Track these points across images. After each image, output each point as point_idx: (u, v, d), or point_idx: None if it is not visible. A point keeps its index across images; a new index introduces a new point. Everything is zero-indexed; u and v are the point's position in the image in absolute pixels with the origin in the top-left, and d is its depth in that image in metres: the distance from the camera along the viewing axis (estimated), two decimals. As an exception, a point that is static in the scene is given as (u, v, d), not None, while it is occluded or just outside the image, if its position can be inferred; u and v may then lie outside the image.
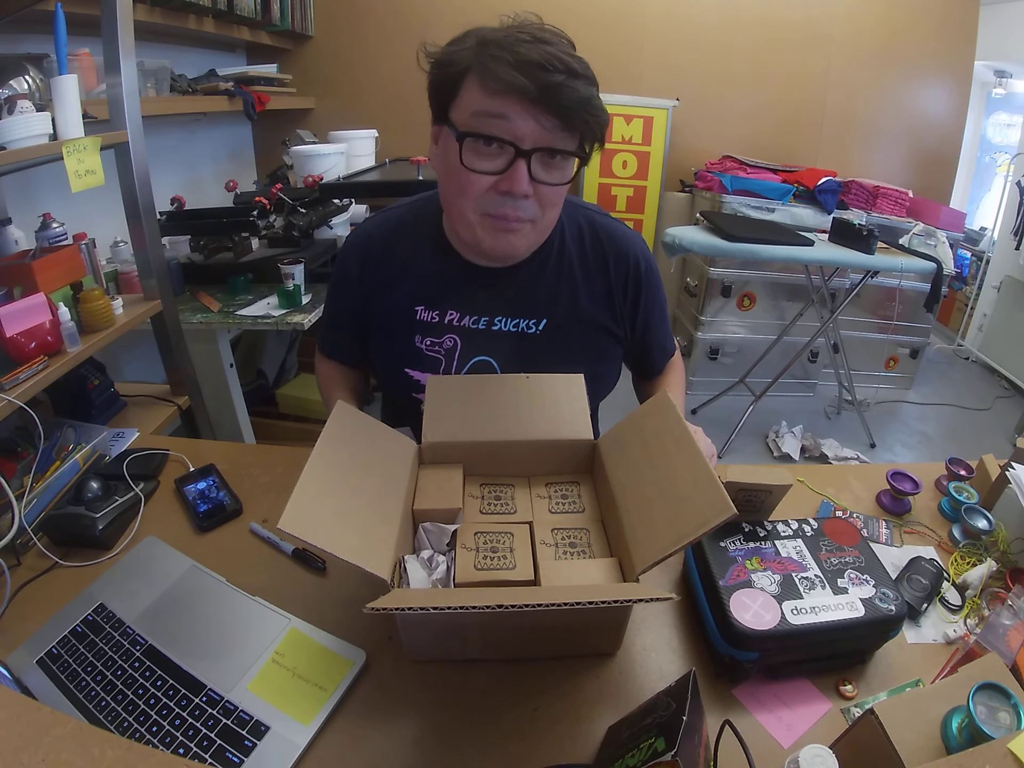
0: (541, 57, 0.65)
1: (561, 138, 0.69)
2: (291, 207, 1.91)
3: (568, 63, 0.66)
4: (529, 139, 0.68)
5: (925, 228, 2.69)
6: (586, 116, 0.68)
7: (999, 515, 0.84)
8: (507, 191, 0.70)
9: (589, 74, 0.69)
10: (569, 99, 0.66)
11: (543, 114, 0.67)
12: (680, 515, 0.59)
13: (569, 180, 0.74)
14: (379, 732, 0.61)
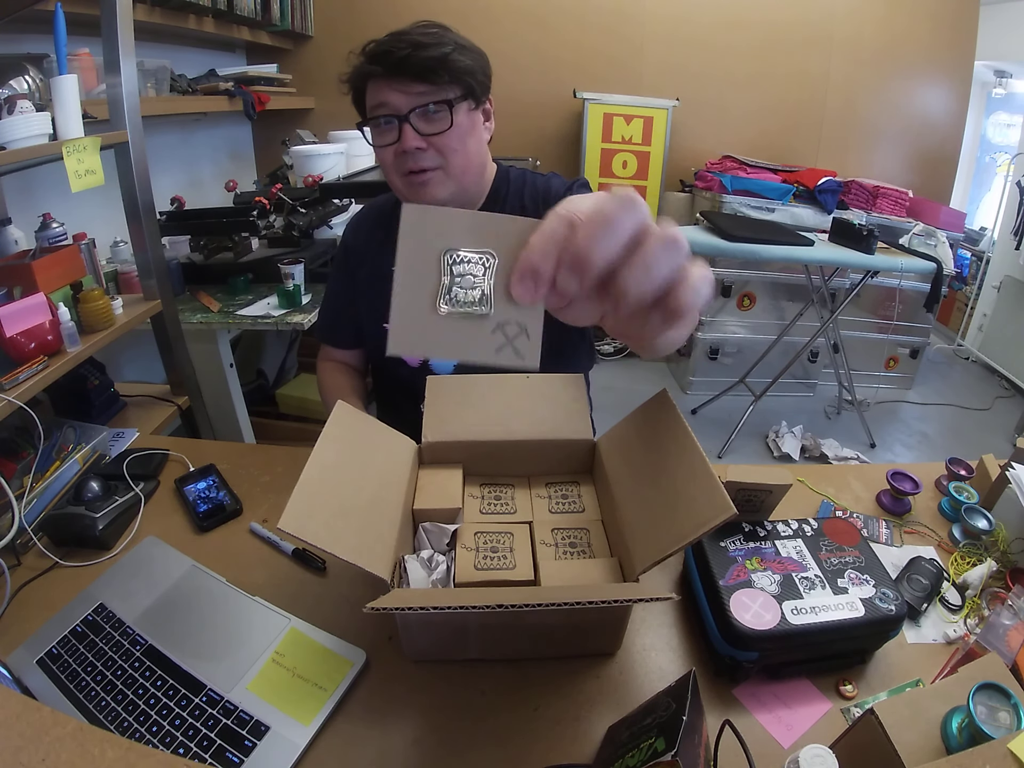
0: (388, 45, 0.82)
1: (428, 93, 0.83)
2: (291, 207, 1.91)
3: (414, 39, 0.81)
4: (404, 106, 0.83)
5: (925, 228, 2.69)
6: (441, 70, 0.82)
7: (999, 515, 0.84)
8: (403, 150, 0.84)
9: (443, 40, 0.83)
10: (418, 64, 0.81)
11: (403, 83, 0.82)
12: (680, 515, 0.59)
13: (456, 125, 0.85)
14: (379, 732, 0.61)
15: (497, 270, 0.35)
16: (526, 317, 0.35)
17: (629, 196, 0.30)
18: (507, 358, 0.35)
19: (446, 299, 0.35)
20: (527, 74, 2.99)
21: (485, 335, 0.35)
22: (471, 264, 0.34)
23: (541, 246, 0.31)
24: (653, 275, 0.30)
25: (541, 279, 0.31)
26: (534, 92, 3.03)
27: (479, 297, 0.35)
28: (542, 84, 3.02)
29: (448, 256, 0.35)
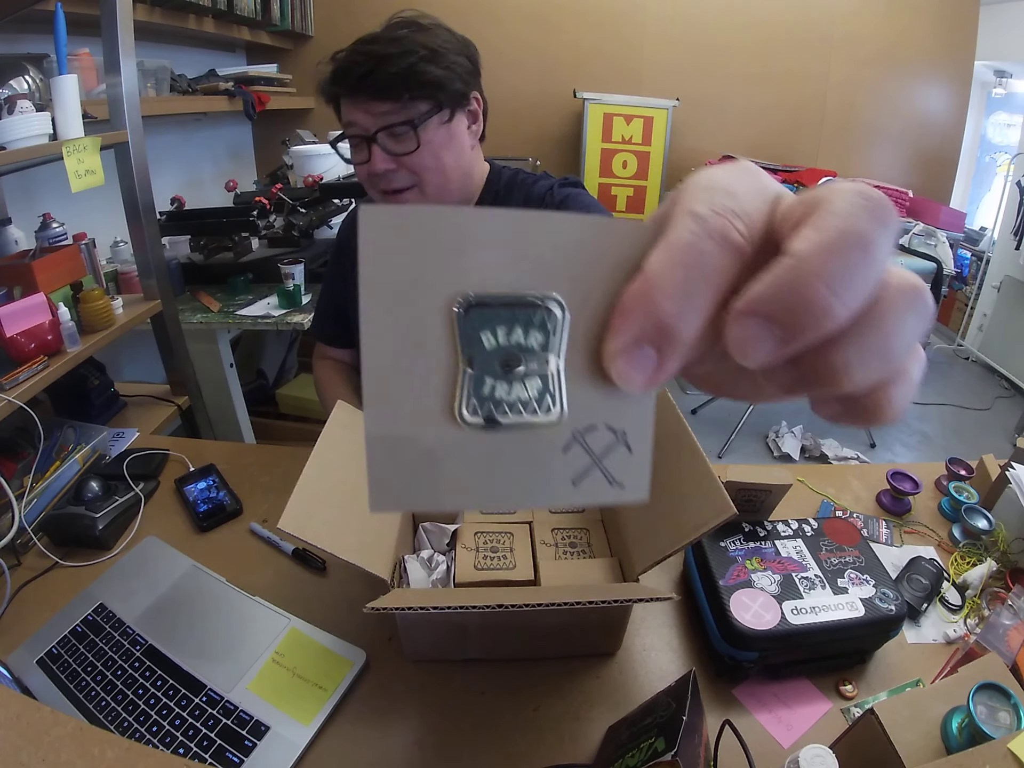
0: (350, 59, 0.77)
1: (392, 113, 0.78)
2: (291, 207, 1.91)
3: (377, 51, 0.76)
4: (370, 126, 0.79)
5: (925, 228, 2.69)
6: (404, 88, 0.77)
7: (999, 515, 0.84)
8: (373, 172, 0.81)
9: (409, 47, 0.77)
10: (379, 82, 0.76)
11: (366, 103, 0.78)
12: (680, 515, 0.59)
13: (425, 143, 0.80)
14: (379, 732, 0.61)
15: (570, 328, 0.18)
16: (627, 413, 0.19)
17: (880, 200, 0.16)
18: (595, 492, 0.20)
19: (472, 400, 0.18)
20: (527, 74, 2.99)
21: (552, 458, 0.19)
22: (515, 323, 0.18)
23: (677, 279, 0.16)
24: (890, 353, 0.16)
25: (674, 344, 0.16)
26: (534, 92, 3.03)
27: (539, 391, 0.18)
28: (542, 84, 3.02)
29: (464, 308, 0.17)
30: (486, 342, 0.18)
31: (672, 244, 0.17)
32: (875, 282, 0.16)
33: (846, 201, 0.16)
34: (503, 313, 0.18)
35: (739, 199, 0.17)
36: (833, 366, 0.16)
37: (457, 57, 0.80)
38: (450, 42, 0.81)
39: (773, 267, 0.16)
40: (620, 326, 0.17)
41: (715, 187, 0.17)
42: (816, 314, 0.15)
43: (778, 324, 0.15)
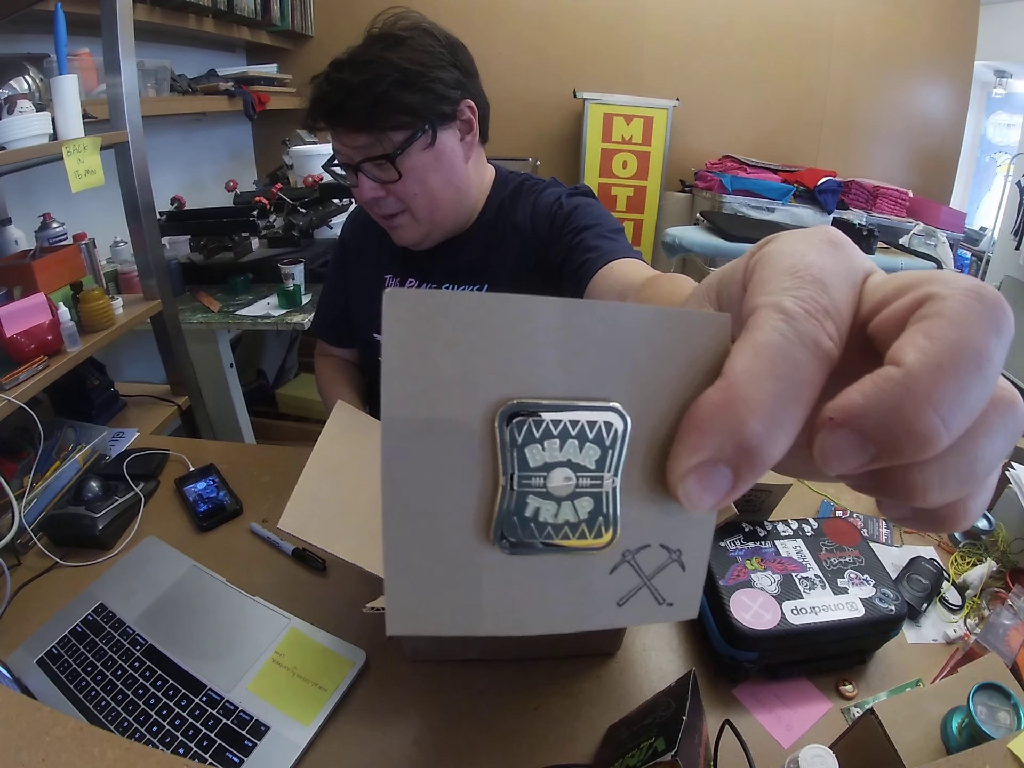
0: (320, 93, 0.75)
1: (369, 145, 0.76)
2: (291, 207, 1.91)
3: (343, 82, 0.72)
4: (353, 156, 0.77)
5: (925, 228, 2.69)
6: (377, 120, 0.73)
7: (999, 515, 0.84)
8: (362, 199, 0.81)
9: (381, 72, 0.72)
10: (352, 115, 0.74)
11: (344, 135, 0.76)
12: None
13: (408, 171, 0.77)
14: (379, 732, 0.61)
15: (631, 442, 0.16)
16: (685, 531, 0.17)
17: (997, 303, 0.14)
18: (641, 612, 0.18)
19: (511, 521, 0.15)
20: (527, 74, 2.99)
21: (597, 580, 0.17)
22: (567, 435, 0.15)
23: (766, 393, 0.14)
24: (975, 475, 0.15)
25: (756, 466, 0.14)
26: (534, 92, 3.02)
27: (590, 512, 0.16)
28: (542, 84, 3.02)
29: (507, 417, 0.15)
30: (531, 458, 0.15)
31: (760, 349, 0.14)
32: (983, 404, 0.14)
33: (961, 304, 0.14)
34: (553, 424, 0.15)
35: (829, 291, 0.15)
36: (912, 485, 0.15)
37: (437, 72, 0.75)
38: (430, 53, 0.75)
39: (877, 378, 0.14)
40: (696, 443, 0.15)
41: (804, 274, 0.15)
42: (918, 442, 0.13)
43: (873, 442, 0.14)
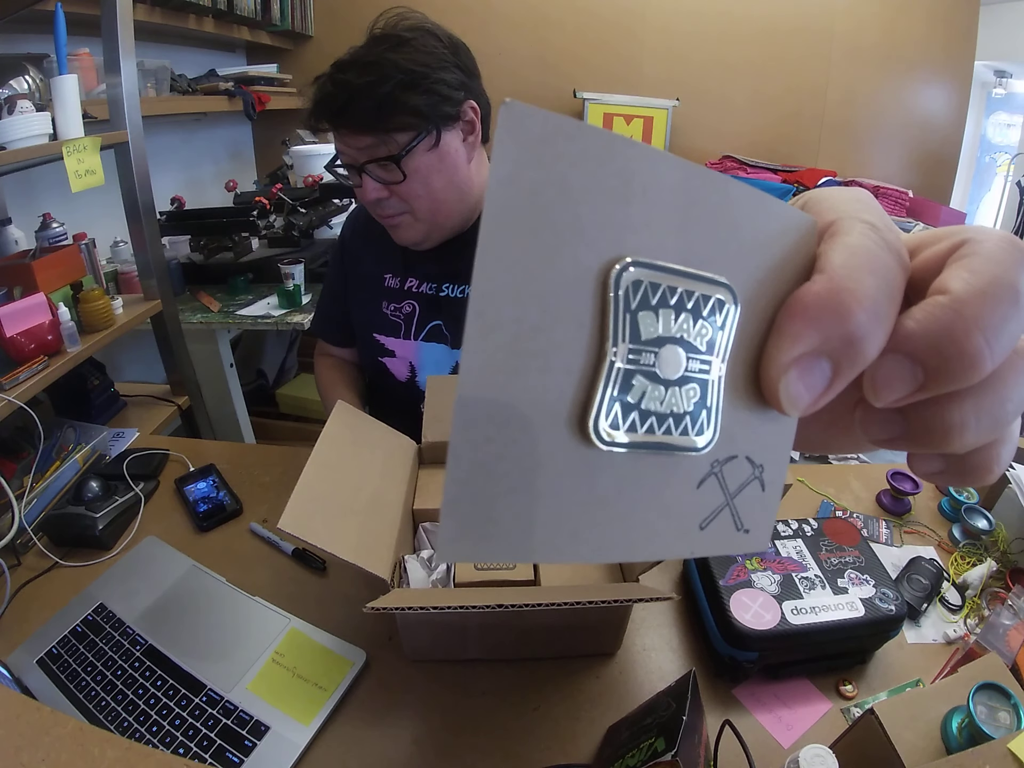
0: (324, 94, 0.75)
1: (374, 146, 0.76)
2: (291, 207, 1.91)
3: (348, 83, 0.72)
4: (357, 157, 0.78)
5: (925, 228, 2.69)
6: (381, 121, 0.74)
7: (999, 515, 0.84)
8: (365, 199, 0.82)
9: (385, 74, 0.72)
10: (356, 116, 0.74)
11: (348, 136, 0.77)
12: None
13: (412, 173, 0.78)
14: (379, 732, 0.61)
15: (738, 329, 0.14)
16: (769, 443, 0.16)
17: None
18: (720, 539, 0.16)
19: (613, 411, 0.13)
20: (527, 74, 2.99)
21: (683, 495, 0.15)
22: (683, 308, 0.14)
23: (869, 287, 0.14)
24: (1006, 414, 0.15)
25: (856, 361, 0.14)
26: (534, 92, 3.02)
27: (696, 401, 0.14)
28: (542, 84, 3.02)
29: (628, 279, 0.13)
30: (644, 328, 0.13)
31: (856, 248, 0.15)
32: (1015, 341, 0.15)
33: (996, 247, 0.15)
34: (670, 290, 0.13)
35: (889, 222, 0.16)
36: (948, 423, 0.15)
37: (441, 73, 0.75)
38: (434, 54, 0.75)
39: (927, 305, 0.14)
40: (800, 333, 0.14)
41: (868, 204, 0.16)
42: (967, 364, 0.14)
43: (923, 367, 0.14)
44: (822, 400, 0.15)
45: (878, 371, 0.14)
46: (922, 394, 0.15)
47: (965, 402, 0.15)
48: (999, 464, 0.17)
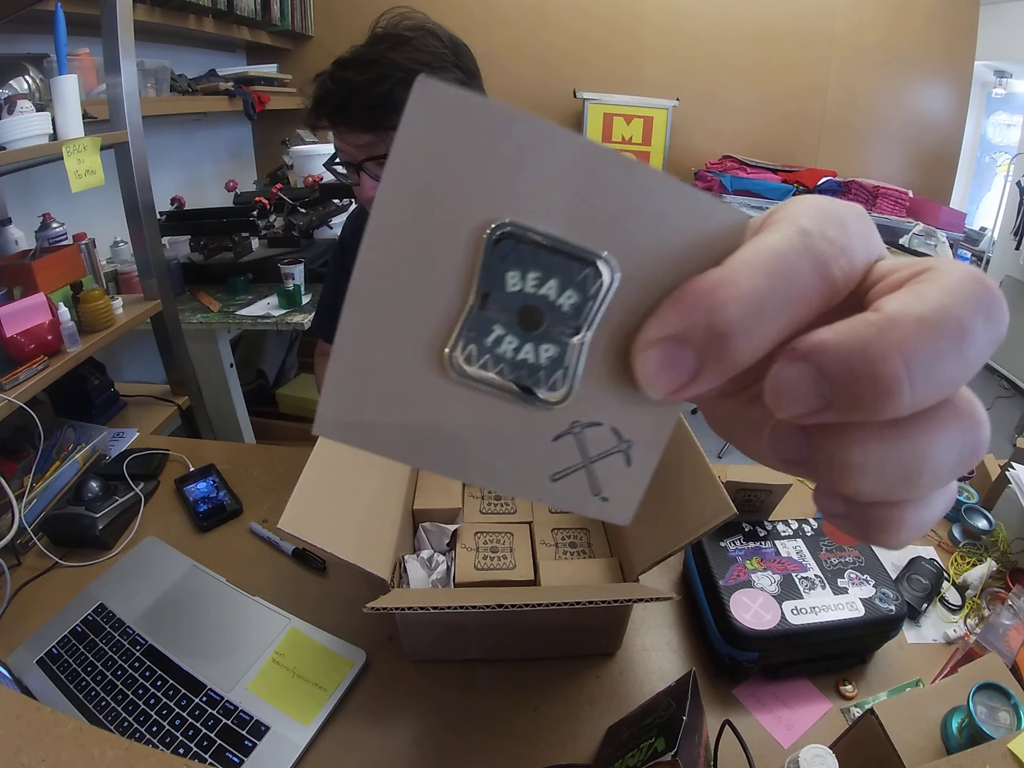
0: (324, 91, 0.76)
1: (373, 144, 0.76)
2: (291, 207, 1.91)
3: (348, 80, 0.73)
4: (355, 155, 0.78)
5: (925, 228, 2.69)
6: (381, 119, 0.74)
7: (999, 515, 0.84)
8: (364, 197, 0.81)
9: (385, 72, 0.72)
10: (356, 113, 0.74)
11: (347, 134, 0.77)
12: (680, 515, 0.59)
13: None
14: (379, 732, 0.61)
15: (614, 302, 0.15)
16: (642, 424, 0.16)
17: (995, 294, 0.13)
18: (572, 496, 0.17)
19: (470, 345, 0.15)
20: (527, 74, 2.99)
21: (536, 443, 0.16)
22: (552, 273, 0.15)
23: (755, 285, 0.13)
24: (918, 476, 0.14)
25: (721, 358, 0.14)
26: (534, 92, 3.02)
27: (551, 360, 0.15)
28: (542, 84, 3.02)
29: (500, 239, 0.14)
30: (510, 283, 0.15)
31: (763, 248, 0.14)
32: (953, 387, 0.13)
33: (958, 279, 0.13)
34: (541, 256, 0.14)
35: (851, 237, 0.14)
36: (846, 461, 0.14)
37: (441, 73, 0.75)
38: (434, 54, 0.76)
39: (852, 319, 0.13)
40: (667, 316, 0.14)
41: (829, 214, 0.15)
42: (878, 390, 0.12)
43: (831, 384, 0.13)
44: (687, 391, 0.14)
45: (780, 377, 0.13)
46: (828, 415, 0.13)
47: (871, 443, 0.13)
48: (903, 531, 0.15)
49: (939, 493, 0.15)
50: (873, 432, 0.13)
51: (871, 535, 0.15)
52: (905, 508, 0.15)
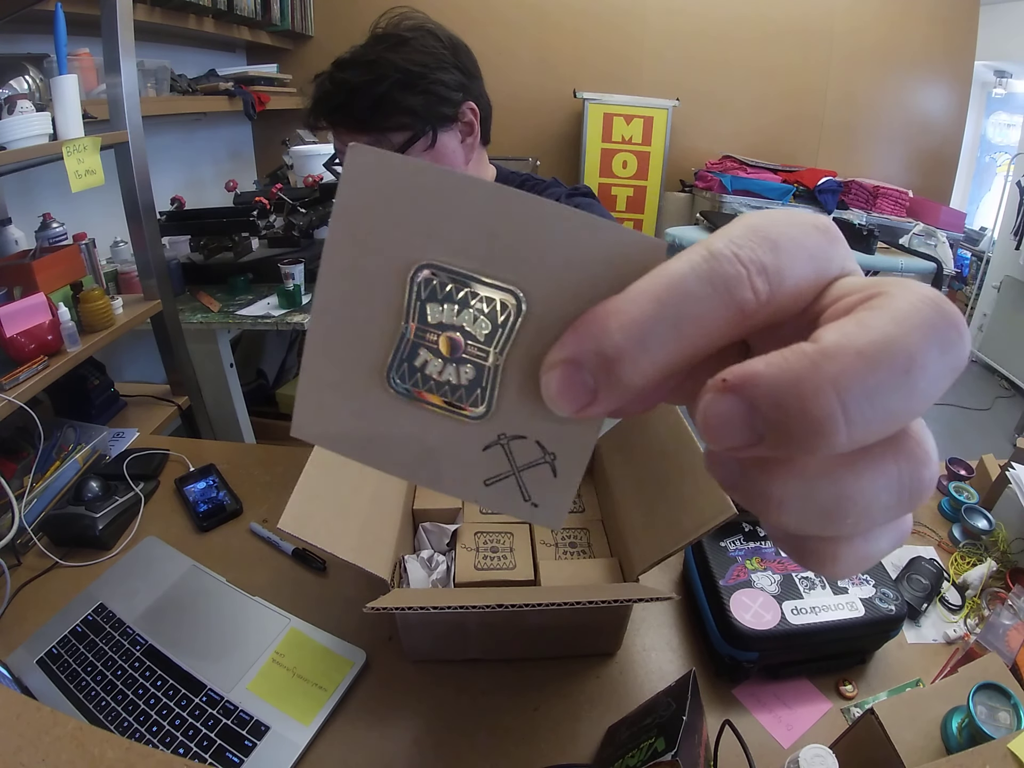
0: (322, 92, 0.75)
1: (372, 144, 0.74)
2: (291, 207, 1.91)
3: (346, 81, 0.72)
4: None
5: (925, 228, 2.69)
6: (378, 120, 0.74)
7: (999, 515, 0.84)
8: None
9: (382, 73, 0.72)
10: (353, 116, 0.74)
11: (346, 135, 0.77)
12: (680, 515, 0.59)
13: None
14: (379, 732, 0.61)
15: (522, 329, 0.17)
16: (564, 438, 0.18)
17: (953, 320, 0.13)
18: (505, 500, 0.19)
19: (402, 367, 0.17)
20: (528, 74, 2.99)
21: (469, 452, 0.18)
22: (466, 305, 0.17)
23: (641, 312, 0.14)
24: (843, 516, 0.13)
25: (613, 383, 0.14)
26: (535, 92, 3.03)
27: (470, 380, 0.17)
28: (543, 84, 3.02)
29: (421, 277, 0.17)
30: (430, 314, 0.17)
31: (663, 272, 0.14)
32: (900, 422, 0.12)
33: (910, 305, 0.12)
34: (455, 289, 0.17)
35: (781, 255, 0.14)
36: (766, 494, 0.13)
37: (439, 74, 0.75)
38: (433, 54, 0.76)
39: (787, 350, 0.12)
40: (565, 339, 0.15)
41: (759, 231, 0.14)
42: (810, 430, 0.12)
43: (762, 419, 0.12)
44: (591, 410, 0.15)
45: (710, 410, 0.13)
46: (762, 449, 0.13)
47: (791, 479, 0.13)
48: (839, 564, 0.14)
49: (884, 529, 0.15)
50: (795, 469, 0.13)
51: (810, 565, 0.15)
52: (839, 543, 0.14)
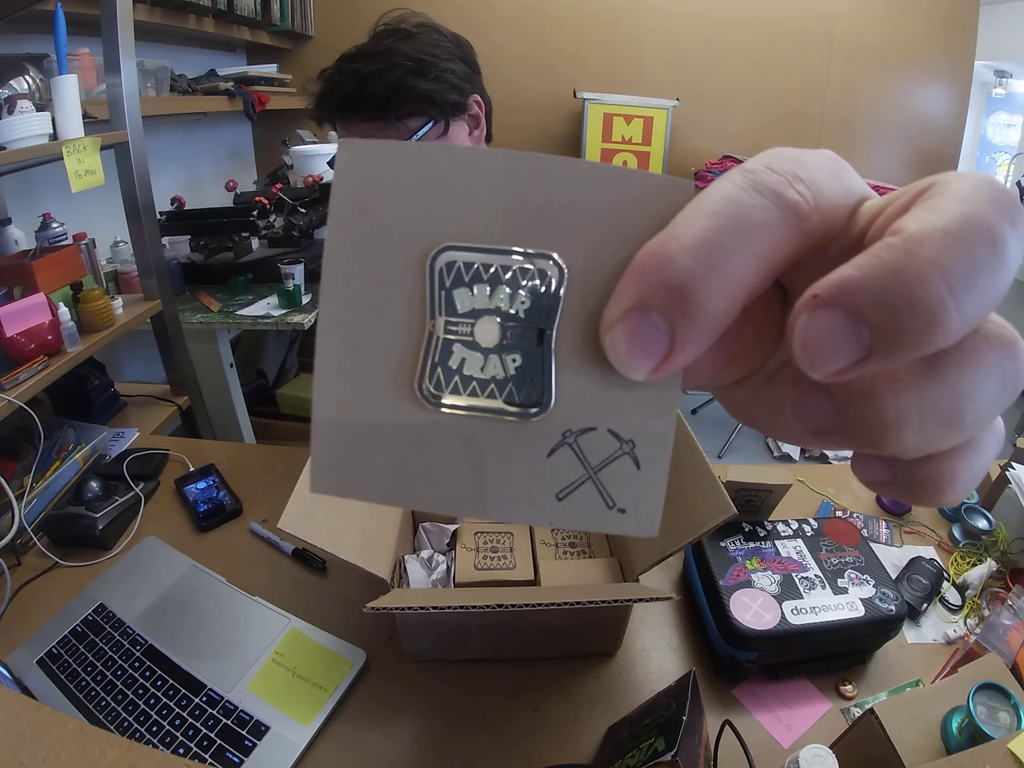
0: (332, 83, 0.75)
1: (382, 132, 0.75)
2: (291, 207, 1.91)
3: (357, 71, 0.72)
4: None
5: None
6: (390, 106, 0.73)
7: (999, 515, 0.84)
8: None
9: (393, 62, 0.72)
10: (364, 103, 0.74)
11: (356, 124, 0.76)
12: (680, 515, 0.59)
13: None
14: (379, 732, 0.61)
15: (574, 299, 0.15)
16: (639, 418, 0.15)
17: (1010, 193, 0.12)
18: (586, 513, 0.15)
19: (436, 375, 0.15)
20: (527, 73, 2.99)
21: (533, 461, 0.15)
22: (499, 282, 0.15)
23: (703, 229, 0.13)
24: (962, 417, 0.12)
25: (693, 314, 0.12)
26: (534, 92, 3.03)
27: (519, 366, 0.15)
28: (542, 84, 3.02)
29: (442, 263, 0.14)
30: (459, 303, 0.14)
31: (704, 196, 0.13)
32: (995, 302, 0.12)
33: (971, 185, 0.12)
34: (483, 268, 0.14)
35: (809, 169, 0.13)
36: (883, 417, 0.12)
37: (449, 63, 0.76)
38: (440, 47, 0.76)
39: (873, 248, 0.12)
40: (624, 288, 0.13)
41: (781, 154, 0.14)
42: (924, 318, 0.11)
43: (868, 324, 0.11)
44: (671, 362, 0.13)
45: (808, 332, 0.12)
46: (872, 363, 0.12)
47: (903, 391, 0.12)
48: (957, 484, 0.13)
49: (988, 433, 0.14)
50: (905, 380, 0.12)
51: (924, 496, 0.14)
52: (955, 457, 0.13)
